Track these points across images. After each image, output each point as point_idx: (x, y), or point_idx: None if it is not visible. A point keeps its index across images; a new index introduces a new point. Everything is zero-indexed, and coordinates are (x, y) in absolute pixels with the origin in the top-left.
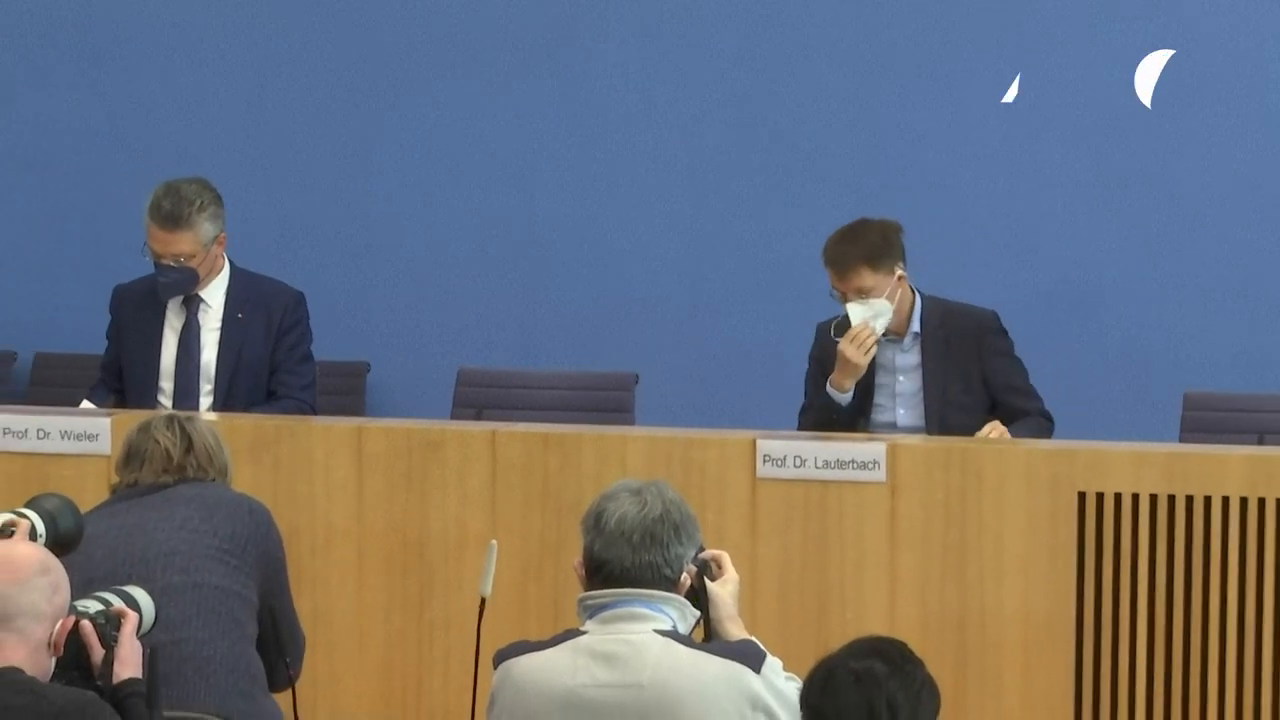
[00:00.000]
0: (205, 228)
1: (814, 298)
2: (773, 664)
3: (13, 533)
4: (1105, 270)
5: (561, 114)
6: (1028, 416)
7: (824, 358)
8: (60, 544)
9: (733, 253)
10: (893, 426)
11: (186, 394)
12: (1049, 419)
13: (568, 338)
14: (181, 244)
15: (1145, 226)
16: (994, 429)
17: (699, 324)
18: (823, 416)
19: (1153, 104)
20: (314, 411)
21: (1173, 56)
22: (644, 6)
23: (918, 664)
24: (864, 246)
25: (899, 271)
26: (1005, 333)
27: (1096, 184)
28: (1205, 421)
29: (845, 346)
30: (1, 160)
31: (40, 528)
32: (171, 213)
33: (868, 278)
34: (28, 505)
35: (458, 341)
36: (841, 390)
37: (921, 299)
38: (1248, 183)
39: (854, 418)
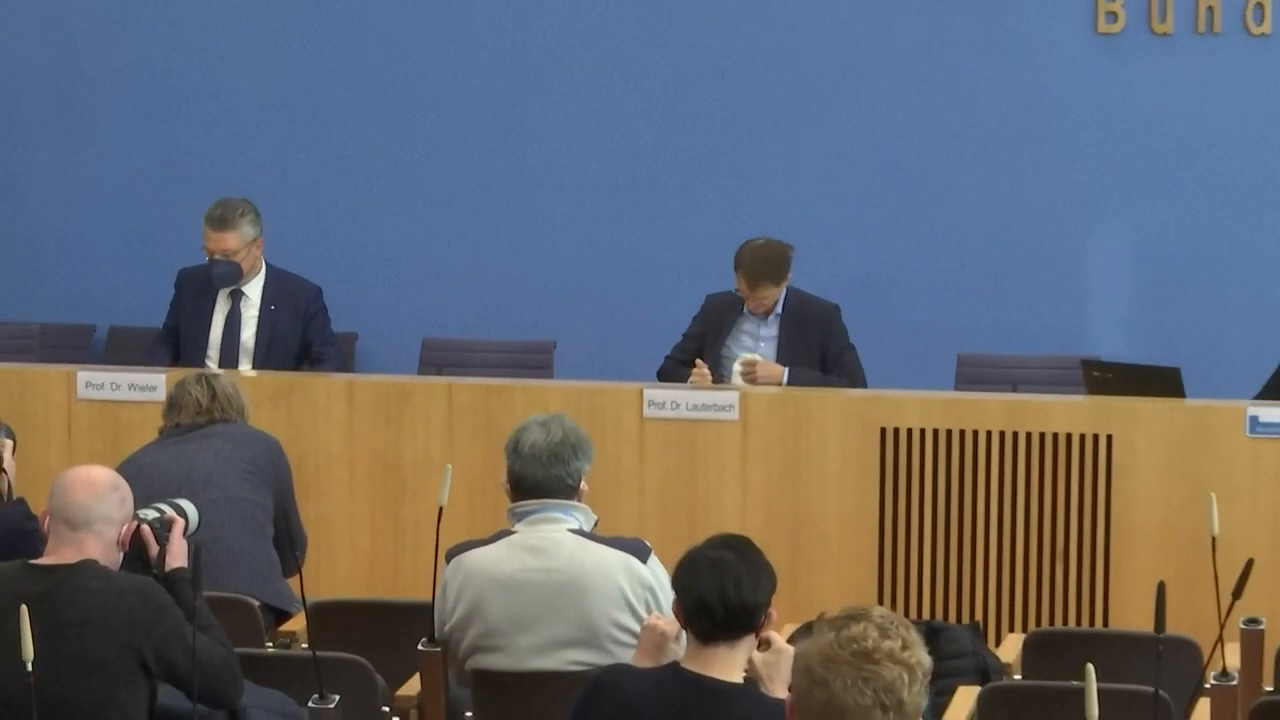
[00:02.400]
0: (246, 230)
1: (692, 286)
2: (655, 559)
3: None
4: (897, 262)
5: (504, 147)
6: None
7: (706, 319)
8: None
9: (631, 251)
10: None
11: (229, 365)
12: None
13: (505, 315)
14: (228, 241)
15: (925, 229)
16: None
17: (603, 304)
18: (681, 372)
19: (930, 135)
20: (344, 366)
21: (945, 98)
22: (572, 46)
23: (759, 553)
24: (774, 269)
25: (789, 279)
26: (842, 324)
27: (887, 198)
28: (973, 375)
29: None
30: (91, 175)
31: None
32: (221, 217)
33: (773, 290)
34: None
35: (424, 317)
36: None
37: (786, 289)
38: (1000, 192)
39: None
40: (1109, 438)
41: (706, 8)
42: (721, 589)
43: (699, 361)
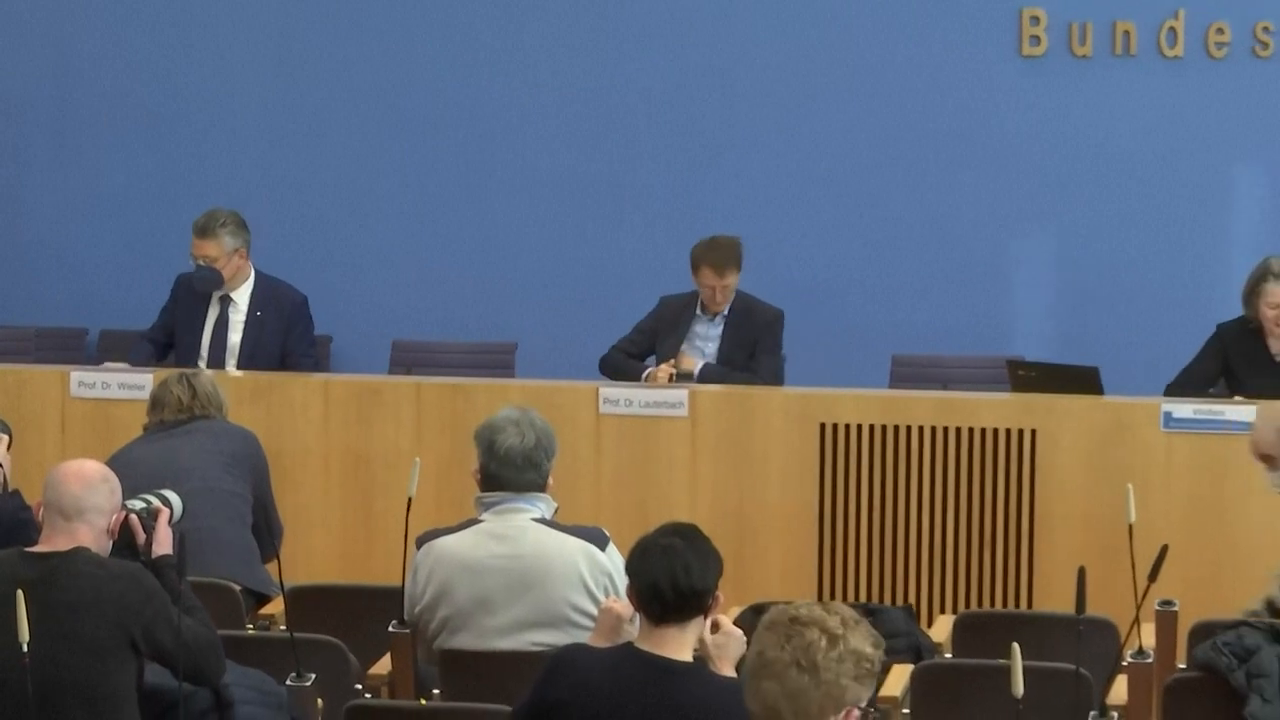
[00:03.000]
0: (227, 240)
1: (644, 291)
2: (612, 546)
3: None
4: (837, 269)
5: (469, 161)
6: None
7: (660, 318)
8: None
9: (587, 258)
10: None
11: (217, 367)
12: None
13: (469, 318)
14: (208, 248)
15: (863, 239)
16: (660, 372)
17: (561, 308)
18: (627, 364)
19: (868, 150)
20: (319, 369)
21: (882, 116)
22: (534, 66)
23: (706, 540)
24: (733, 254)
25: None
26: (778, 330)
27: (829, 209)
28: (906, 374)
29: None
30: (85, 187)
31: None
32: (204, 226)
33: (735, 275)
34: None
35: (393, 321)
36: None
37: (736, 293)
38: (933, 204)
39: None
40: (1033, 432)
41: (660, 32)
42: (672, 574)
43: (674, 366)
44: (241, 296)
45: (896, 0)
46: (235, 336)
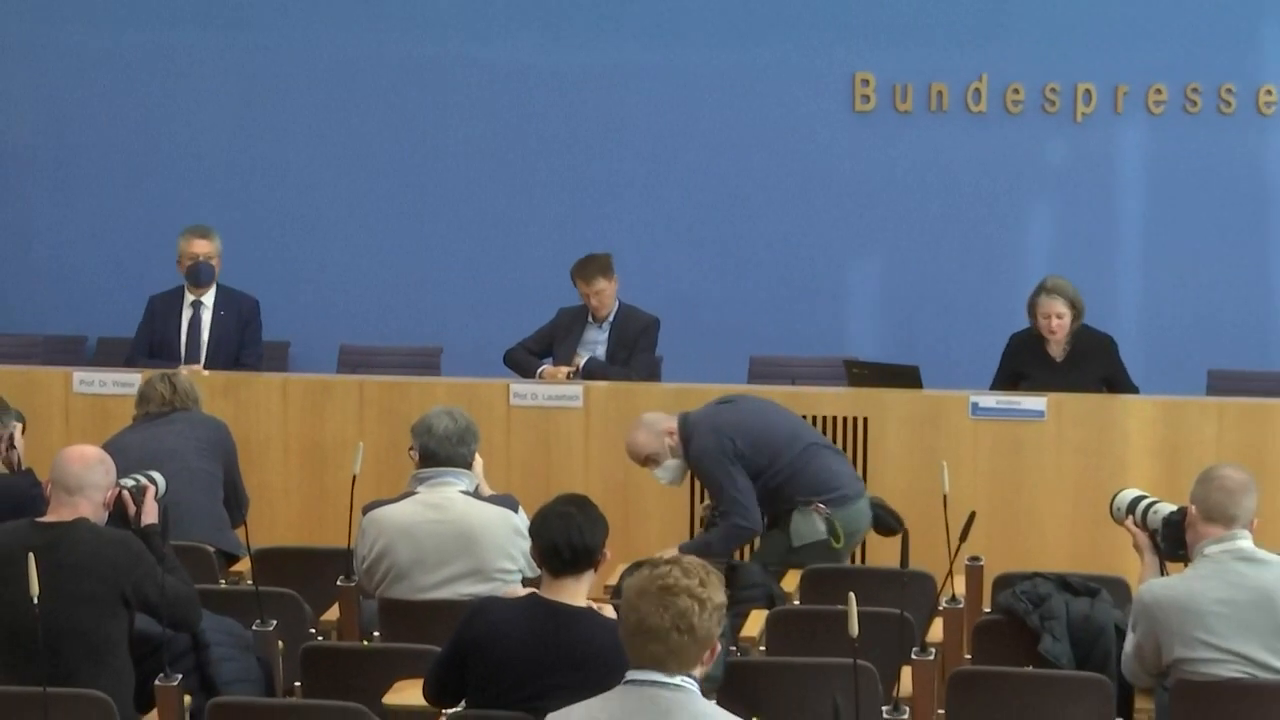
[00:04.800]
0: (218, 243)
1: (548, 303)
2: (522, 510)
3: None
4: (703, 284)
5: (402, 195)
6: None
7: (557, 324)
8: None
9: (501, 275)
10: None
11: (192, 359)
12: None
13: (403, 325)
14: (206, 247)
15: (725, 259)
16: (558, 371)
17: (479, 318)
18: (528, 360)
19: (729, 187)
20: (261, 367)
21: (739, 158)
22: (462, 115)
23: (595, 507)
24: (599, 267)
25: (615, 278)
26: (653, 333)
27: (697, 234)
28: (762, 371)
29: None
30: (83, 217)
31: None
32: (204, 230)
33: (605, 282)
34: None
35: (341, 328)
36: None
37: (619, 302)
38: (782, 231)
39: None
40: (865, 420)
41: (560, 89)
42: (568, 535)
43: (567, 370)
44: (209, 300)
45: (752, 65)
46: (205, 334)
